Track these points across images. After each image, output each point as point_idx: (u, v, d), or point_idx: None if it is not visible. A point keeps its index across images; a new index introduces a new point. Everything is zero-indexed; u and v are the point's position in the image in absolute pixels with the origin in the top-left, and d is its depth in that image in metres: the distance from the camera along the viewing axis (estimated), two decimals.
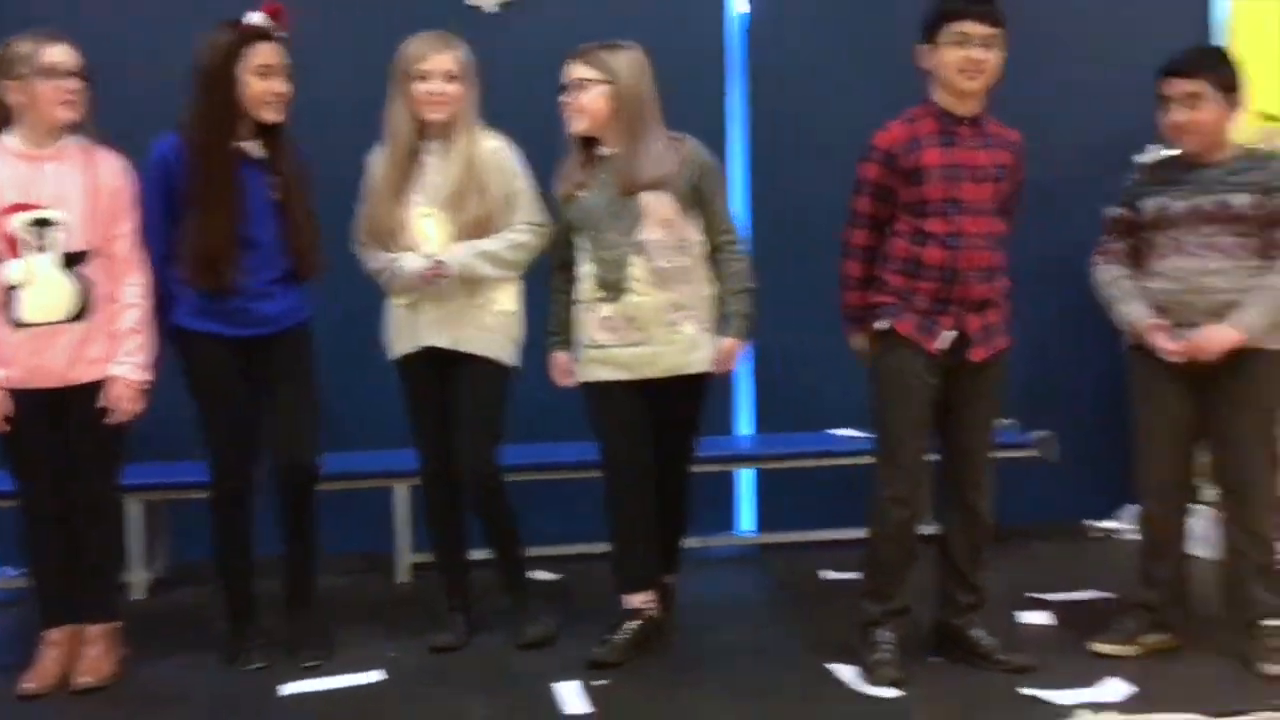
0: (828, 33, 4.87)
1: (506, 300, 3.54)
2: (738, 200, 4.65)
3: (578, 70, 3.40)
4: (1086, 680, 3.18)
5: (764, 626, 3.77)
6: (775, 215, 4.75)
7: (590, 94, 3.38)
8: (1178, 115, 3.27)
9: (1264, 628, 3.27)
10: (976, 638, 3.33)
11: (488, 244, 3.45)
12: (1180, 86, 3.26)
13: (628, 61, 3.39)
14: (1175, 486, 3.40)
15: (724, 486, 4.90)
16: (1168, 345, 3.25)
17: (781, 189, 4.80)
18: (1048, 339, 4.72)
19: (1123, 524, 4.69)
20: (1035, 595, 3.90)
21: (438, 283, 3.41)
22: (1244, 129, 4.42)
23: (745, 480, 4.94)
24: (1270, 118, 4.47)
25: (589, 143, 3.46)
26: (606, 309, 3.41)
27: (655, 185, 3.38)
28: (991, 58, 3.14)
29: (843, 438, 4.60)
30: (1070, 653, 3.39)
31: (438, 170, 3.46)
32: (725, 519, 4.90)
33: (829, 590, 4.13)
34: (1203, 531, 3.72)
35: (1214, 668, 3.29)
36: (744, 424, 4.93)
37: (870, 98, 4.26)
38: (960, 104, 3.19)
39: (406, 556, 4.41)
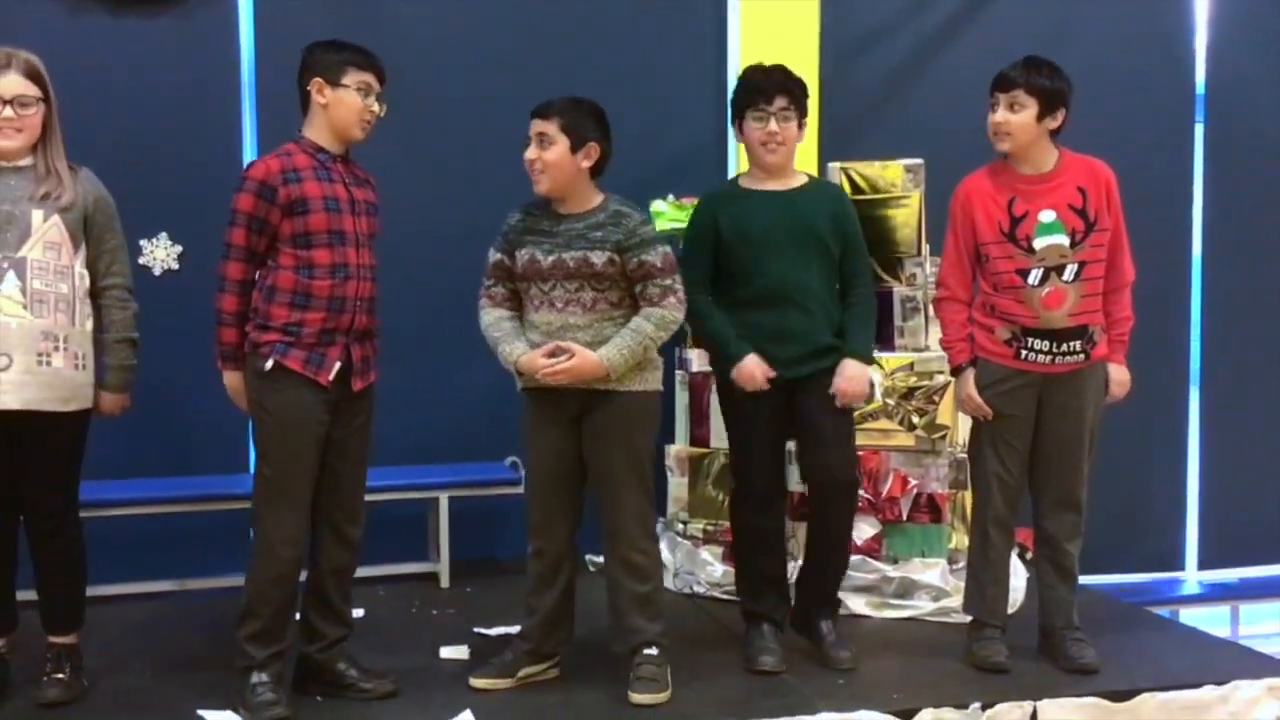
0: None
1: None
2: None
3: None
4: (448, 712, 3.25)
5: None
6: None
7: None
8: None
9: (645, 656, 3.38)
10: (342, 670, 3.39)
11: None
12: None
13: None
14: (558, 524, 3.45)
15: None
16: None
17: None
18: None
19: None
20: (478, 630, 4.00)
21: None
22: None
23: None
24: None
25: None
26: None
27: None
28: None
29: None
30: (454, 688, 3.45)
31: None
32: None
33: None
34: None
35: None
36: None
37: None
38: None
39: None
